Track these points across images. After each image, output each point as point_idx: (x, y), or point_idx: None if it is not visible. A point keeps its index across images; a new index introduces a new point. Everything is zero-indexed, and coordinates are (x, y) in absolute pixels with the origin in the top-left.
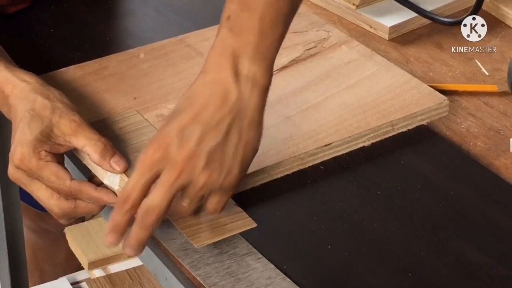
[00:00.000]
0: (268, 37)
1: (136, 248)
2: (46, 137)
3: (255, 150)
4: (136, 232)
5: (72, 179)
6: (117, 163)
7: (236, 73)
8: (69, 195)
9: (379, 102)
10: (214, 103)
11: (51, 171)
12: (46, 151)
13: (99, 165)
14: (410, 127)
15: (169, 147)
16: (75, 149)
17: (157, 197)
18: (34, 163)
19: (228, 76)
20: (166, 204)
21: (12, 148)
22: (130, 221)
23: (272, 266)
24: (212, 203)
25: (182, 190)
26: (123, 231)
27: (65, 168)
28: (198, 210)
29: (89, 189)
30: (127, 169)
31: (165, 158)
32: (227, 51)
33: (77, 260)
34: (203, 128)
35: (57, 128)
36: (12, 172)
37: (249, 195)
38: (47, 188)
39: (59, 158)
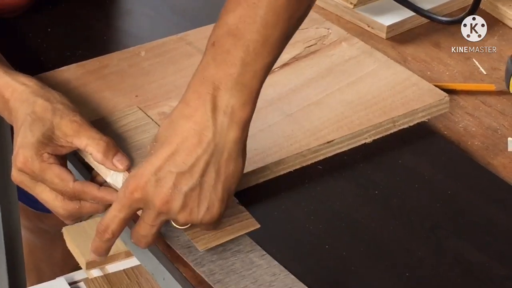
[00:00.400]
0: (252, 67)
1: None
2: (48, 139)
3: (237, 181)
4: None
5: (75, 180)
6: (119, 161)
7: (214, 107)
8: (73, 196)
9: (380, 99)
10: (189, 141)
11: (54, 173)
12: (48, 153)
13: (102, 164)
14: (411, 124)
15: (147, 187)
16: (78, 149)
17: (141, 232)
18: (37, 165)
19: (206, 111)
20: (153, 234)
21: (14, 151)
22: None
23: (276, 263)
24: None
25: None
26: (105, 253)
27: (68, 170)
28: None
29: (92, 190)
30: (130, 167)
31: (144, 198)
32: (207, 82)
33: (75, 260)
34: (177, 170)
35: (59, 129)
36: (15, 175)
37: (248, 194)
38: (51, 190)
39: (61, 160)
